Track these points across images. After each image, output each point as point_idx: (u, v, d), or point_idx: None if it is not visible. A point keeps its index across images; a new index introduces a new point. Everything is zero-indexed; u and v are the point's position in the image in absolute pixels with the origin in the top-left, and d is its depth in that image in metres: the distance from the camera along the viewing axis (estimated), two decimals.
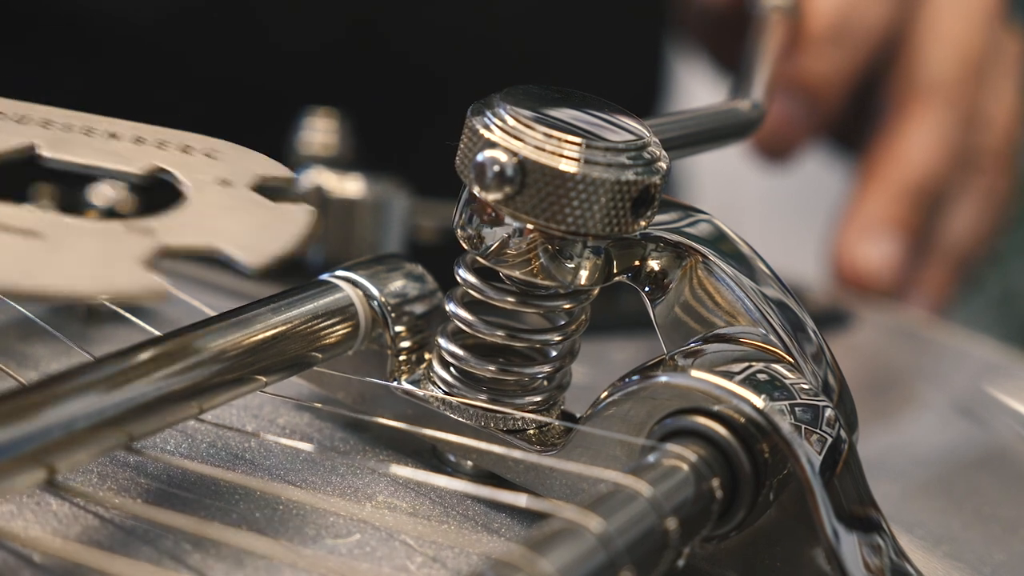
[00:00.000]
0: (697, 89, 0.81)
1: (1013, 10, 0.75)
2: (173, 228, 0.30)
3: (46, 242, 0.29)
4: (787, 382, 0.33)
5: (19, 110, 0.35)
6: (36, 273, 0.29)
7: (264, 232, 0.31)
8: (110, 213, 0.33)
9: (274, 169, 0.34)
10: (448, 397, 0.35)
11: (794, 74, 0.64)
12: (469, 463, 0.36)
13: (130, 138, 0.34)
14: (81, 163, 0.33)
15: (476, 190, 0.33)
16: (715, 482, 0.32)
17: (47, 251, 0.29)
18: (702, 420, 0.32)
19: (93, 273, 0.29)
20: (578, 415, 0.35)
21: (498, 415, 0.35)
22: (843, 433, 0.33)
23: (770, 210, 1.31)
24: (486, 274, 0.35)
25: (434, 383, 0.36)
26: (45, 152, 0.33)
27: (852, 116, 0.68)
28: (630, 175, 0.33)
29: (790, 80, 0.63)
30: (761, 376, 0.33)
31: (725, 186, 1.05)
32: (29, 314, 0.36)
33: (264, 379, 0.34)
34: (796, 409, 0.33)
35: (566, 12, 0.78)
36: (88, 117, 0.35)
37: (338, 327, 0.35)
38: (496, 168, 0.32)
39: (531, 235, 0.33)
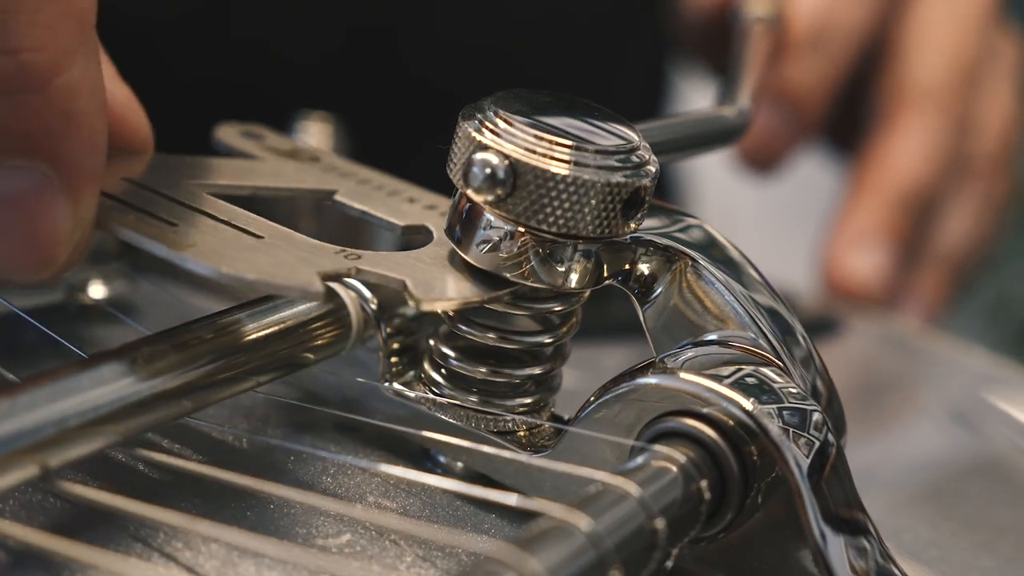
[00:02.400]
0: (700, 102, 0.81)
1: (1011, 10, 0.74)
2: (378, 260, 0.33)
3: (260, 243, 0.32)
4: (776, 385, 0.33)
5: (330, 161, 0.39)
6: (232, 264, 0.31)
7: (453, 285, 0.34)
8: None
9: None
10: (439, 398, 0.35)
11: (777, 84, 0.63)
12: (459, 464, 0.36)
13: (405, 198, 0.38)
14: (360, 209, 0.37)
15: (467, 192, 0.33)
16: (704, 484, 0.32)
17: (254, 249, 0.32)
18: (691, 422, 0.33)
19: (272, 271, 0.31)
20: (567, 417, 0.36)
21: (488, 416, 0.35)
22: (831, 437, 0.33)
23: (767, 215, 1.31)
24: None
25: (425, 385, 0.36)
26: (339, 198, 0.37)
27: (844, 119, 0.68)
28: (620, 177, 0.33)
29: (773, 90, 0.63)
30: (750, 379, 0.33)
31: (722, 191, 1.05)
32: (22, 313, 0.37)
33: (256, 379, 0.34)
34: (785, 412, 0.33)
35: (571, 28, 0.78)
36: (384, 178, 0.39)
37: (330, 328, 0.35)
38: (487, 170, 0.32)
39: (522, 238, 0.33)
